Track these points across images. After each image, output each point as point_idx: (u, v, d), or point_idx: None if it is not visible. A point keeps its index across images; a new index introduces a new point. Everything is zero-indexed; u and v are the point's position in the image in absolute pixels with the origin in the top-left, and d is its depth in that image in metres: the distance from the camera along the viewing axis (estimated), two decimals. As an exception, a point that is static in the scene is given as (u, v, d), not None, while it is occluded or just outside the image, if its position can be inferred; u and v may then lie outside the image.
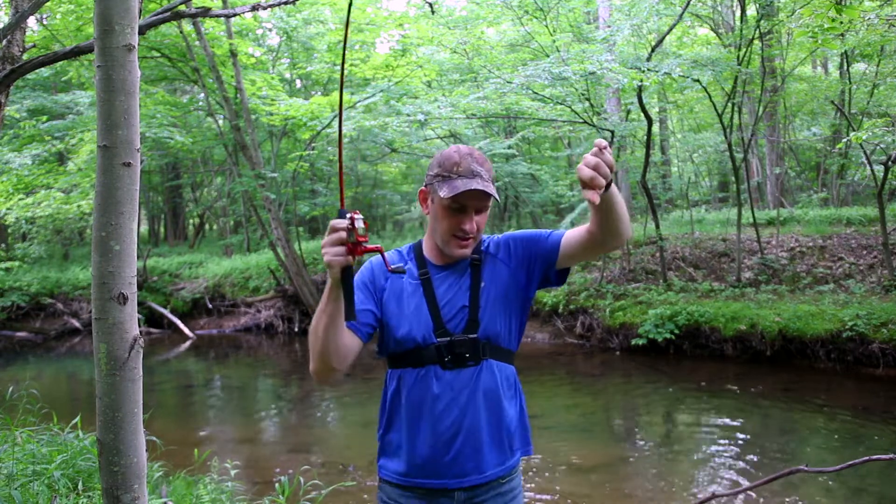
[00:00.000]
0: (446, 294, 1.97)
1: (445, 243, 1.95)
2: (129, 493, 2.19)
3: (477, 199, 1.90)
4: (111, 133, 1.80)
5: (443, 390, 1.91)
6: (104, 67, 1.78)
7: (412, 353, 1.93)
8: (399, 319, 1.95)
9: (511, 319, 2.01)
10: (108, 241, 1.76)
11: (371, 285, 2.00)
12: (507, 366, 2.01)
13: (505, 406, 1.98)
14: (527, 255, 2.02)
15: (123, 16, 1.77)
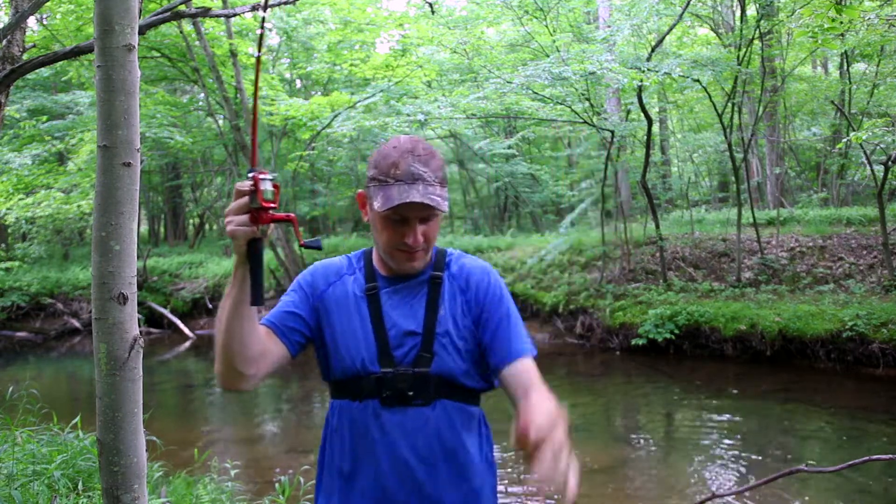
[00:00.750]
0: (396, 315, 1.64)
1: (389, 256, 1.64)
2: (129, 493, 2.19)
3: (419, 210, 1.57)
4: (111, 133, 1.80)
5: (381, 434, 1.58)
6: (104, 67, 1.78)
7: (352, 382, 1.61)
8: (336, 337, 1.65)
9: (469, 358, 1.66)
10: (108, 241, 1.76)
11: (309, 289, 1.70)
12: (469, 408, 1.67)
13: (471, 460, 1.64)
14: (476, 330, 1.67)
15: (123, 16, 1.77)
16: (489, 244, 13.85)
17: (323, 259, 1.80)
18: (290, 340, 1.65)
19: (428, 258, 1.69)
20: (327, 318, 1.68)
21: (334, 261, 1.78)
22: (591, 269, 12.21)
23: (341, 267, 1.75)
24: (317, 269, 1.75)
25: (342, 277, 1.72)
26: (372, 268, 1.73)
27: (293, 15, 15.45)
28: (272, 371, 1.62)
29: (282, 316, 1.67)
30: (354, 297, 1.68)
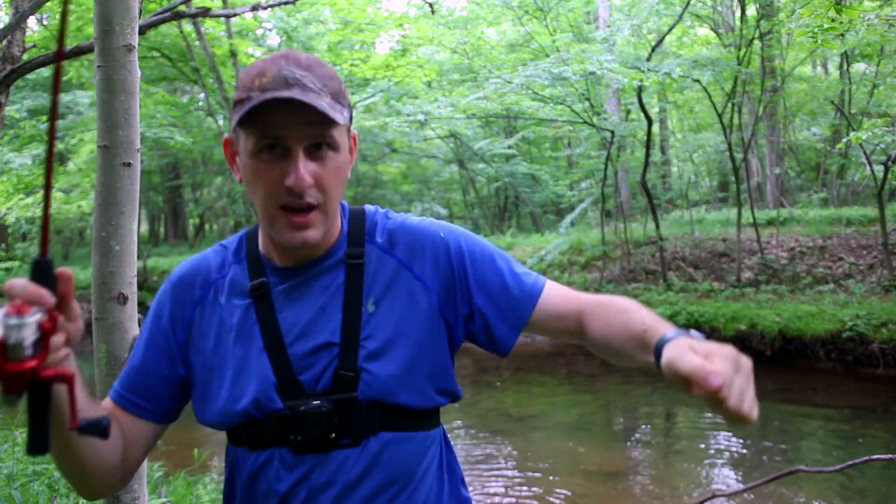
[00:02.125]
0: (298, 321, 1.14)
1: (271, 223, 1.11)
2: (129, 493, 2.19)
3: (298, 121, 1.05)
4: (111, 133, 1.80)
5: (294, 487, 1.11)
6: (104, 68, 1.79)
7: (245, 428, 1.14)
8: (216, 376, 1.15)
9: (428, 364, 1.17)
10: (108, 241, 1.76)
11: (168, 324, 1.20)
12: (423, 435, 1.18)
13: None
14: (474, 292, 1.20)
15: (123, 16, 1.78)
16: (489, 244, 13.84)
17: (187, 258, 1.32)
18: (157, 412, 1.18)
19: (333, 225, 1.16)
20: (199, 354, 1.18)
21: (201, 260, 1.25)
22: (591, 269, 12.21)
23: (210, 269, 1.23)
24: (176, 286, 1.23)
25: (215, 284, 1.21)
26: (257, 256, 1.21)
27: (293, 15, 15.44)
28: (149, 450, 1.22)
29: (134, 380, 1.18)
30: (235, 306, 1.18)
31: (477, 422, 7.24)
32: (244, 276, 1.20)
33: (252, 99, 1.05)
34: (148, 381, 1.18)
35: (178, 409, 1.21)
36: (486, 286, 1.19)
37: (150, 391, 1.18)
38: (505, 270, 1.21)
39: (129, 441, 1.15)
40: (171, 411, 1.20)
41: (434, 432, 1.21)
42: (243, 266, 1.21)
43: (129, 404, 1.17)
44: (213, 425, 1.17)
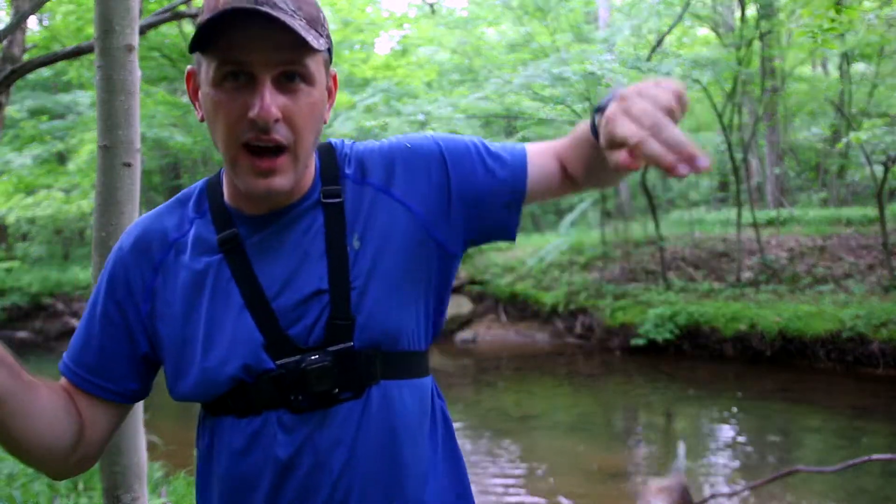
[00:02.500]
0: (278, 271, 1.04)
1: (232, 165, 0.99)
2: (129, 493, 2.19)
3: (266, 45, 0.93)
4: (111, 133, 1.81)
5: (297, 453, 1.02)
6: (104, 68, 1.79)
7: (231, 397, 1.04)
8: (191, 344, 1.05)
9: (423, 299, 1.10)
10: (108, 241, 1.77)
11: (123, 296, 1.07)
12: (420, 382, 1.11)
13: (425, 461, 1.10)
14: (458, 188, 1.10)
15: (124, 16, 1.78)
16: (489, 244, 13.84)
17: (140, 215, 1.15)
18: (120, 393, 1.08)
19: (303, 169, 1.03)
20: (167, 323, 1.06)
21: (154, 220, 1.12)
22: (591, 269, 12.21)
23: (167, 228, 1.10)
24: (130, 252, 1.09)
25: (175, 244, 1.09)
26: (223, 206, 1.08)
27: (293, 15, 15.43)
28: (114, 431, 1.12)
29: (90, 359, 1.08)
30: (203, 264, 1.06)
31: (477, 422, 7.24)
32: (210, 231, 1.07)
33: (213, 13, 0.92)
34: (106, 360, 1.07)
35: (145, 388, 1.11)
36: (473, 179, 1.10)
37: (110, 372, 1.07)
38: (484, 154, 1.12)
39: (87, 421, 1.06)
40: (136, 392, 1.10)
41: (427, 379, 1.14)
42: (207, 219, 1.08)
43: (86, 384, 1.07)
44: (194, 397, 1.06)
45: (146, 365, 1.09)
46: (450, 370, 10.38)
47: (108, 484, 2.08)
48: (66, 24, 10.95)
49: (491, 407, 8.02)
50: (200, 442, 1.12)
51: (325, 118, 1.05)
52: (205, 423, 1.10)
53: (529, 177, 1.11)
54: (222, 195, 1.09)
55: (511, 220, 1.13)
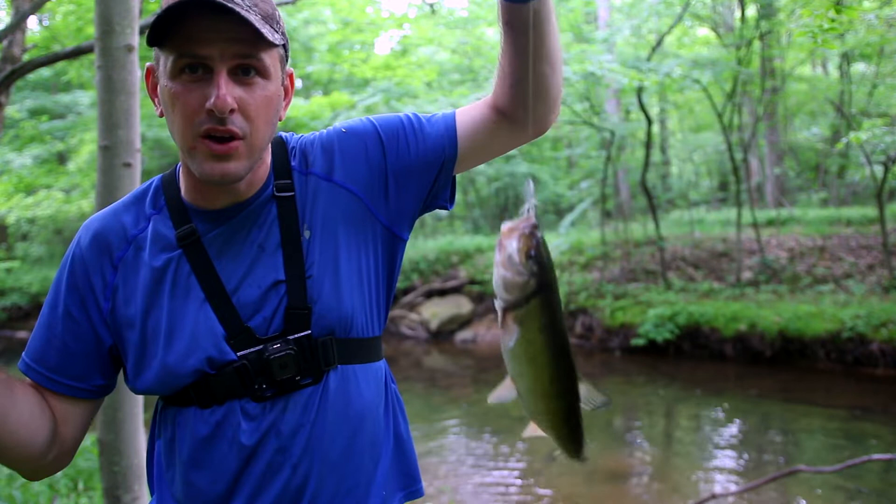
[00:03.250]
0: (237, 264, 1.07)
1: (190, 154, 1.01)
2: (129, 493, 2.20)
3: (222, 38, 0.96)
4: (112, 133, 1.81)
5: (262, 439, 1.05)
6: (104, 68, 1.79)
7: (194, 389, 1.06)
8: (152, 339, 1.06)
9: (373, 284, 1.14)
10: (108, 241, 1.77)
11: (85, 293, 1.09)
12: (374, 367, 1.15)
13: (379, 442, 1.14)
14: (394, 163, 1.13)
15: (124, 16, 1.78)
16: (489, 244, 13.87)
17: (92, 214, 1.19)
18: (88, 390, 1.10)
19: (260, 163, 1.07)
20: (128, 318, 1.08)
21: (111, 217, 1.13)
22: (591, 269, 12.21)
23: (125, 225, 1.11)
24: (88, 250, 1.10)
25: (134, 240, 1.10)
26: (179, 202, 1.10)
27: (293, 15, 15.44)
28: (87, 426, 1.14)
29: (54, 359, 1.09)
30: (163, 260, 1.07)
31: (477, 421, 7.24)
32: (168, 226, 1.09)
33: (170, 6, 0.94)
34: (70, 359, 1.08)
35: (112, 382, 1.14)
36: (407, 151, 1.13)
37: (75, 369, 1.09)
38: (416, 125, 1.15)
39: (60, 421, 1.09)
40: (104, 387, 1.12)
41: (381, 363, 1.18)
42: (164, 215, 1.10)
43: (53, 384, 1.08)
44: (155, 391, 1.08)
45: (111, 359, 1.12)
46: (450, 370, 10.38)
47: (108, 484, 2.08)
48: (66, 24, 10.96)
49: (491, 407, 8.02)
50: (161, 432, 1.13)
51: (282, 115, 1.09)
52: (165, 414, 1.12)
53: (460, 133, 1.13)
54: (179, 190, 1.12)
55: (446, 185, 1.17)
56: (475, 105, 1.16)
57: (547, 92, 1.08)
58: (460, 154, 1.14)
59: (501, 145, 1.17)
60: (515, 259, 0.94)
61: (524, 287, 0.94)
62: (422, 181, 1.14)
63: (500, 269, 0.96)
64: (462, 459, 6.01)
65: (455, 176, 1.18)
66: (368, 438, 1.12)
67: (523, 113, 1.09)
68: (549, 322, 0.96)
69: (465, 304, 12.23)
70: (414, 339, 11.96)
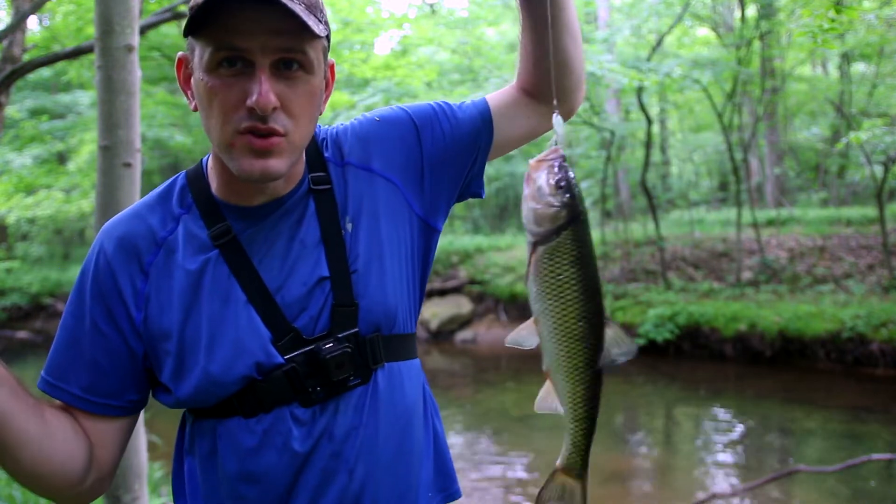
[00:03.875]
0: (278, 263, 1.02)
1: (228, 150, 0.96)
2: (129, 493, 2.20)
3: (265, 29, 0.90)
4: (112, 133, 1.81)
5: (314, 445, 1.00)
6: (105, 68, 1.79)
7: (239, 397, 1.00)
8: (192, 347, 1.00)
9: (411, 277, 1.10)
10: (108, 241, 1.76)
11: (114, 305, 1.01)
12: (415, 363, 1.12)
13: (422, 441, 1.11)
14: (430, 151, 1.10)
15: (124, 16, 1.78)
16: (489, 244, 13.87)
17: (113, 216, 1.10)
18: (124, 407, 1.03)
19: (298, 157, 1.00)
20: (162, 325, 1.00)
21: (135, 219, 1.05)
22: (591, 269, 12.20)
23: (153, 227, 1.04)
24: (114, 256, 1.02)
25: (164, 243, 1.03)
26: (211, 199, 1.04)
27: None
28: (125, 446, 1.07)
29: (86, 378, 1.01)
30: (199, 262, 1.01)
31: (477, 421, 7.24)
32: (200, 226, 1.02)
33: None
34: (103, 376, 1.01)
35: (145, 397, 1.07)
36: (442, 139, 1.10)
37: (108, 387, 1.01)
38: (449, 113, 1.12)
39: (96, 443, 1.02)
40: (139, 402, 1.05)
41: (418, 360, 1.13)
42: (194, 214, 1.04)
43: (86, 404, 1.01)
44: (195, 402, 1.01)
45: (145, 372, 1.04)
46: (450, 370, 10.38)
47: (108, 484, 2.08)
48: (66, 24, 10.96)
49: (491, 407, 8.02)
50: (195, 447, 1.05)
51: (322, 108, 1.04)
52: (199, 427, 1.04)
53: (494, 118, 1.12)
54: (208, 187, 1.05)
55: (481, 172, 1.16)
56: (503, 91, 1.15)
57: (571, 65, 1.08)
58: (496, 140, 1.13)
59: (534, 128, 1.16)
60: (545, 190, 0.92)
61: (555, 218, 0.91)
62: (458, 169, 1.12)
63: (530, 202, 0.93)
64: (461, 459, 6.01)
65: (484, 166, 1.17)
66: (415, 438, 1.08)
67: (551, 90, 1.06)
68: (579, 255, 0.92)
69: (465, 304, 12.23)
70: (414, 339, 11.95)
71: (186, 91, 1.01)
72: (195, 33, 0.92)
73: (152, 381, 1.06)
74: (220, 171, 1.04)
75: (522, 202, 0.94)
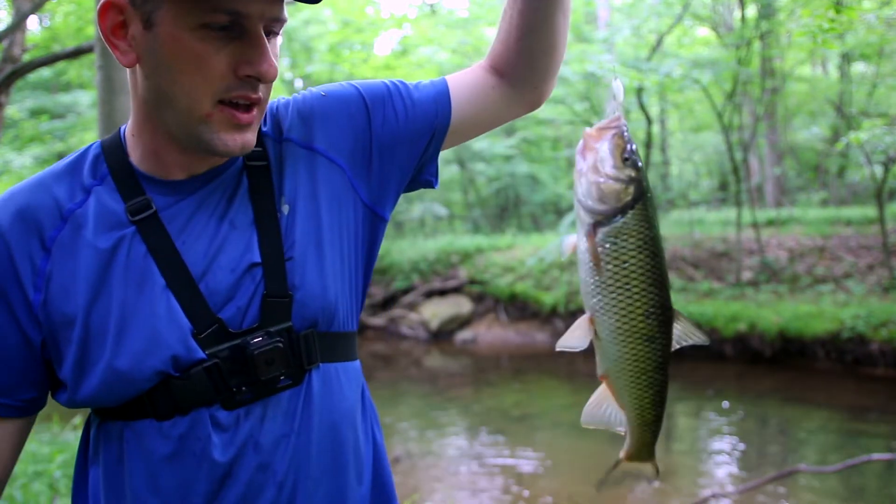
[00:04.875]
0: (204, 244, 0.91)
1: (201, 120, 0.86)
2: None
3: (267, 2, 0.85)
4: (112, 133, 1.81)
5: (239, 453, 0.89)
6: (105, 68, 1.80)
7: (151, 396, 0.88)
8: (99, 336, 0.87)
9: (353, 270, 0.99)
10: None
11: (10, 285, 0.88)
12: (353, 365, 1.01)
13: (360, 452, 0.99)
14: (380, 131, 1.00)
15: (124, 17, 1.79)
16: (489, 244, 13.86)
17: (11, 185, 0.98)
18: (17, 407, 0.90)
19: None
20: (67, 309, 0.87)
21: (37, 189, 0.91)
22: (591, 269, 12.20)
23: (58, 198, 0.90)
24: (10, 230, 0.88)
25: (72, 216, 0.90)
26: (129, 169, 0.92)
27: (293, 15, 15.45)
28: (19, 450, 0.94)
29: None
30: (112, 239, 0.89)
31: (477, 421, 7.24)
32: (115, 199, 0.90)
33: None
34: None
35: (44, 395, 0.93)
36: (395, 120, 1.01)
37: (0, 383, 0.88)
38: (404, 93, 1.03)
39: None
40: (36, 400, 0.92)
41: (358, 363, 1.02)
42: (109, 185, 0.91)
43: None
44: (99, 402, 0.88)
45: (44, 364, 0.91)
46: (450, 370, 10.38)
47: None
48: (67, 24, 10.97)
49: (491, 407, 8.02)
50: (99, 455, 0.92)
51: None
52: (105, 431, 0.91)
53: (453, 100, 1.02)
54: (127, 156, 0.92)
55: (434, 158, 1.06)
56: (468, 70, 1.05)
57: (556, 46, 1.00)
58: (452, 124, 1.03)
59: (494, 115, 1.06)
60: (610, 162, 0.79)
61: (621, 195, 0.79)
62: (409, 153, 1.02)
63: (591, 176, 0.80)
64: (461, 459, 6.01)
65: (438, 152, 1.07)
66: (352, 448, 0.96)
67: (526, 72, 1.00)
68: (647, 239, 0.79)
69: (465, 304, 12.23)
70: (414, 339, 11.96)
71: (117, 42, 0.86)
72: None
73: (52, 376, 0.92)
74: (147, 139, 0.91)
75: (577, 177, 0.82)
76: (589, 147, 0.81)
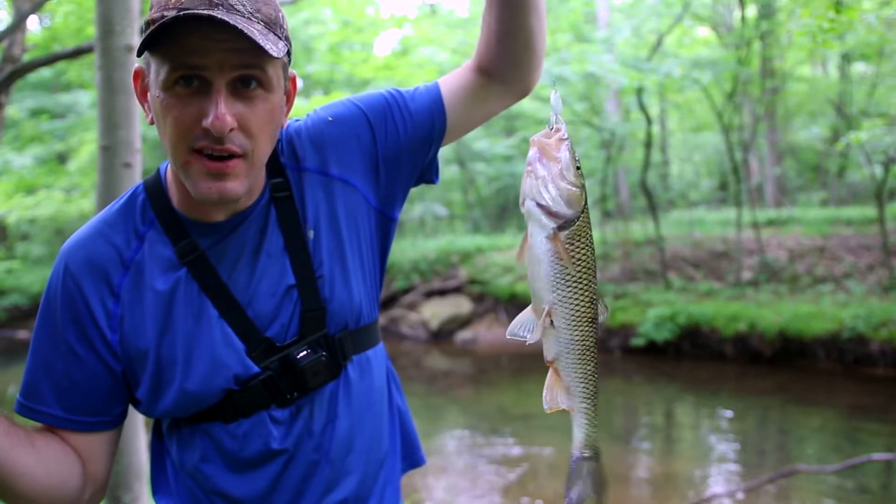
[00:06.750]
0: (246, 275, 1.03)
1: (184, 170, 0.95)
2: (129, 492, 2.20)
3: (221, 48, 0.89)
4: (111, 133, 1.81)
5: (296, 441, 1.06)
6: (105, 68, 1.80)
7: (218, 407, 1.04)
8: (169, 364, 1.02)
9: (371, 268, 1.13)
10: (108, 241, 1.77)
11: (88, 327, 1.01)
12: (380, 347, 1.17)
13: (387, 419, 1.18)
14: (384, 146, 1.10)
15: (124, 17, 1.78)
16: (489, 244, 13.87)
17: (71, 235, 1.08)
18: (109, 421, 1.06)
19: (255, 174, 0.99)
20: (137, 342, 1.02)
21: (97, 239, 1.03)
22: (591, 269, 12.20)
23: (118, 247, 1.03)
24: (81, 278, 1.01)
25: (132, 263, 1.03)
26: (172, 214, 1.03)
27: (293, 15, 15.45)
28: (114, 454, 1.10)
29: (67, 399, 1.02)
30: (169, 281, 1.01)
31: (477, 421, 7.24)
32: (164, 243, 1.02)
33: (165, 18, 0.87)
34: (84, 396, 1.02)
35: (128, 407, 1.09)
36: (396, 132, 1.10)
37: (92, 405, 1.03)
38: (401, 103, 1.11)
39: (87, 458, 1.04)
40: (123, 413, 1.08)
41: (381, 344, 1.18)
42: (158, 230, 1.03)
43: (73, 424, 1.03)
44: (174, 414, 1.05)
45: (126, 385, 1.06)
46: (450, 370, 10.39)
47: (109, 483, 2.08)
48: (67, 24, 10.96)
49: (491, 406, 8.03)
50: (175, 449, 1.09)
51: (283, 123, 1.04)
52: (178, 430, 1.09)
53: (447, 104, 1.11)
54: (169, 201, 1.04)
55: (434, 160, 1.16)
56: (457, 73, 1.13)
57: (534, 44, 1.07)
58: (449, 126, 1.12)
59: (488, 110, 1.15)
60: (572, 170, 0.88)
61: (581, 199, 0.88)
62: (412, 160, 1.12)
63: (560, 183, 0.87)
64: (461, 459, 6.01)
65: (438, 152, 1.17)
66: (385, 419, 1.15)
67: (511, 69, 1.08)
68: (591, 236, 0.91)
69: (465, 304, 12.23)
70: (414, 339, 11.97)
71: (143, 104, 1.01)
72: (151, 49, 0.91)
73: (131, 393, 1.08)
74: (179, 184, 1.02)
75: (542, 184, 0.88)
76: (550, 156, 0.89)
